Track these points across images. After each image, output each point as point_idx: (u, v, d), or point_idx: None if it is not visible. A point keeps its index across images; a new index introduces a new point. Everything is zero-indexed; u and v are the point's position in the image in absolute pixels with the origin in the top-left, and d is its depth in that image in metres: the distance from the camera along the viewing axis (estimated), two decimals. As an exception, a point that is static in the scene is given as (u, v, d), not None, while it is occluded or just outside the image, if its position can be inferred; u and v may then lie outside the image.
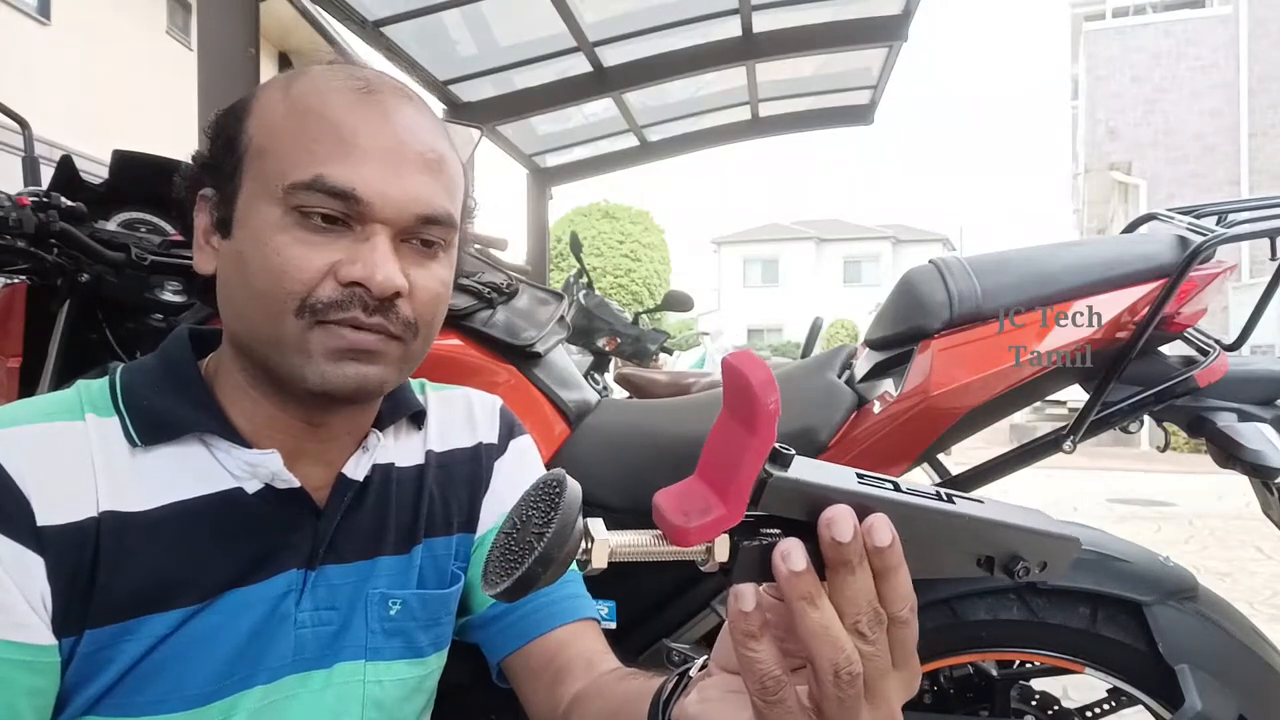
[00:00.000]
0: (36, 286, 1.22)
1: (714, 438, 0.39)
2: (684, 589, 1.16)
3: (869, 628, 0.38)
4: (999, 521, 0.43)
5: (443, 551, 0.72)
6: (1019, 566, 0.43)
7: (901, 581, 0.38)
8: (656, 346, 3.43)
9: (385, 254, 0.57)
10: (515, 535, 0.37)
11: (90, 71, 8.80)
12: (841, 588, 0.37)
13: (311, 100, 0.59)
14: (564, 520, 0.35)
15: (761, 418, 0.36)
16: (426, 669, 0.71)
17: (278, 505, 0.62)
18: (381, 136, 0.58)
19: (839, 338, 21.28)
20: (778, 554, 0.37)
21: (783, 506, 0.39)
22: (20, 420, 0.56)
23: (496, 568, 0.37)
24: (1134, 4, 16.77)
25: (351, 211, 0.57)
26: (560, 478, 0.38)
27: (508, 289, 1.23)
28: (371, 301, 0.57)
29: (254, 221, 0.58)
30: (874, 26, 3.33)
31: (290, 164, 0.57)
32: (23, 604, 0.52)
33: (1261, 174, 12.21)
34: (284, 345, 0.57)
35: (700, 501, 0.38)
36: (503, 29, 3.31)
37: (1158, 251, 0.99)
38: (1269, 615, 3.03)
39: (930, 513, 0.41)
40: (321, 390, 0.58)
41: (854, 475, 0.40)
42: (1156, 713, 0.99)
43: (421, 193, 0.59)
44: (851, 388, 1.11)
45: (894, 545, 0.38)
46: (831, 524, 0.37)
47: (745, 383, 0.36)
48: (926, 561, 0.41)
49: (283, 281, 0.56)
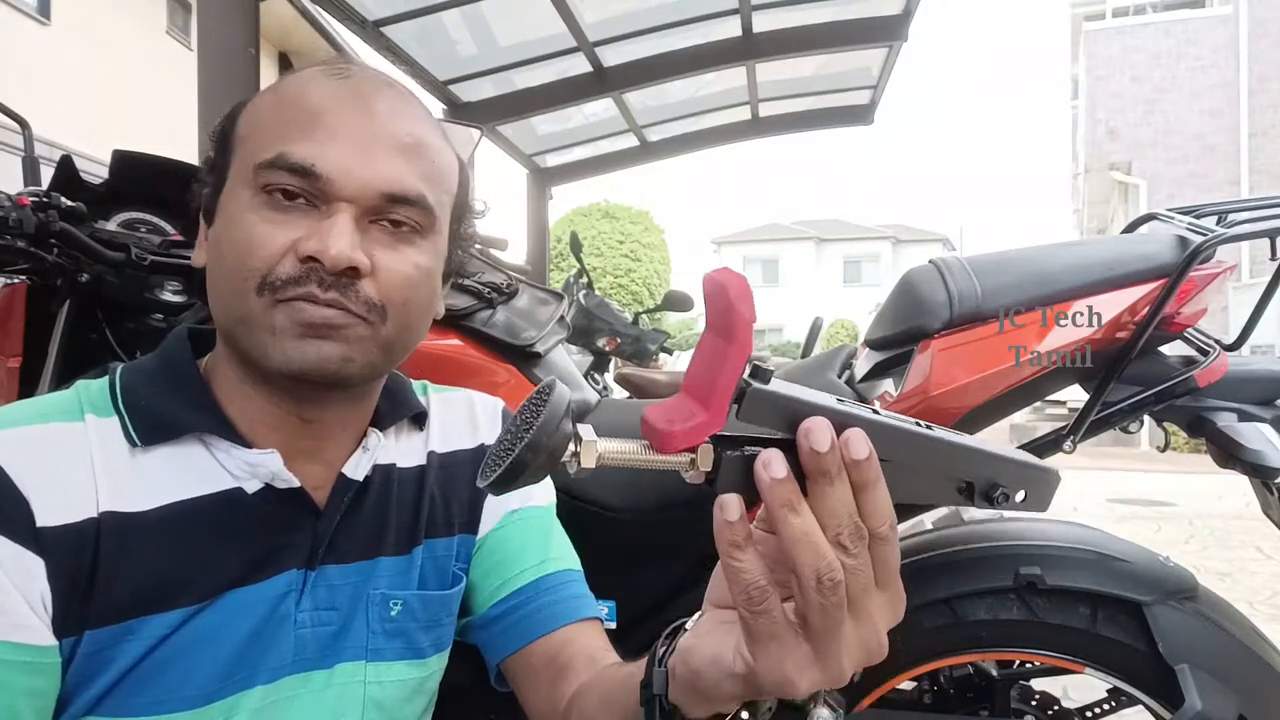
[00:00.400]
0: (36, 286, 1.22)
1: (697, 354, 0.40)
2: (684, 589, 1.16)
3: (850, 540, 0.38)
4: (977, 448, 0.43)
5: (443, 552, 0.72)
6: (998, 493, 0.44)
7: (880, 497, 0.39)
8: (656, 346, 3.43)
9: (342, 229, 0.56)
10: (509, 437, 0.39)
11: (90, 71, 8.80)
12: (821, 497, 0.38)
13: (292, 89, 0.60)
14: (552, 412, 0.37)
15: (739, 326, 0.37)
16: (427, 670, 0.71)
17: (277, 505, 0.62)
18: (351, 118, 0.58)
19: (839, 338, 21.29)
20: (759, 463, 0.38)
21: (762, 419, 0.39)
22: (19, 421, 0.56)
23: (491, 462, 0.38)
24: (1134, 4, 16.77)
25: (314, 189, 0.57)
26: (550, 383, 0.39)
27: (508, 289, 1.23)
28: (327, 276, 0.56)
29: (229, 205, 0.59)
30: (874, 26, 3.33)
31: (261, 146, 0.58)
32: (23, 605, 0.52)
33: (1261, 174, 12.21)
34: (249, 324, 0.57)
35: (684, 411, 0.39)
36: (503, 29, 3.31)
37: (1158, 251, 0.99)
38: (1269, 615, 3.03)
39: (909, 435, 0.42)
40: (284, 370, 0.57)
41: (834, 397, 0.41)
42: (1156, 713, 0.99)
43: (387, 172, 0.58)
44: (851, 388, 1.11)
45: (871, 459, 0.39)
46: (809, 433, 0.38)
47: (724, 294, 0.38)
48: (906, 486, 0.42)
49: (246, 259, 0.56)
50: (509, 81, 3.60)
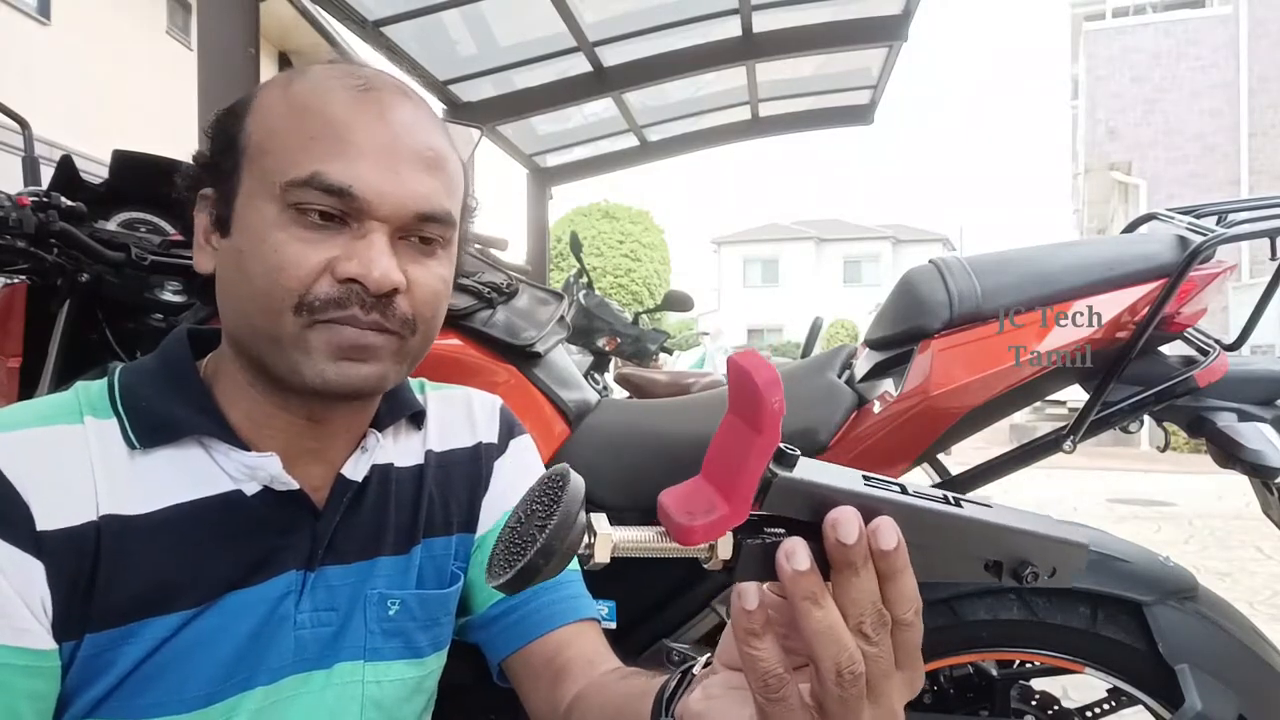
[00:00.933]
0: (36, 286, 1.21)
1: (719, 438, 0.39)
2: (684, 589, 1.16)
3: (873, 629, 0.37)
4: (1007, 526, 0.42)
5: (441, 551, 0.72)
6: (1027, 572, 0.43)
7: (906, 584, 0.38)
8: (656, 346, 3.43)
9: (382, 250, 0.57)
10: (519, 529, 0.37)
11: (90, 71, 8.80)
12: (846, 589, 0.37)
13: (310, 98, 0.59)
14: (566, 512, 0.35)
15: (766, 417, 0.36)
16: (426, 669, 0.71)
17: (276, 507, 0.62)
18: (379, 134, 0.58)
19: (839, 338, 21.28)
20: (781, 553, 0.37)
21: (787, 507, 0.38)
22: (18, 424, 0.56)
23: (500, 560, 0.37)
24: (1134, 4, 16.77)
25: (349, 209, 0.57)
26: (564, 472, 0.38)
27: (508, 289, 1.23)
28: (369, 298, 0.57)
29: (252, 219, 0.58)
30: (874, 26, 3.33)
31: (288, 161, 0.57)
32: (23, 609, 0.52)
33: (1261, 174, 12.21)
34: (282, 343, 0.57)
35: (705, 501, 0.38)
36: (503, 29, 3.31)
37: (1158, 251, 0.99)
38: (1269, 615, 3.03)
39: (937, 516, 0.40)
40: (320, 388, 0.58)
41: (860, 477, 0.40)
42: (1156, 713, 0.99)
43: (419, 190, 0.59)
44: (851, 388, 1.11)
45: (899, 549, 0.38)
46: (837, 525, 0.37)
47: (750, 382, 0.36)
48: (933, 565, 0.41)
49: (280, 279, 0.56)
50: (509, 81, 3.60)
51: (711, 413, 1.21)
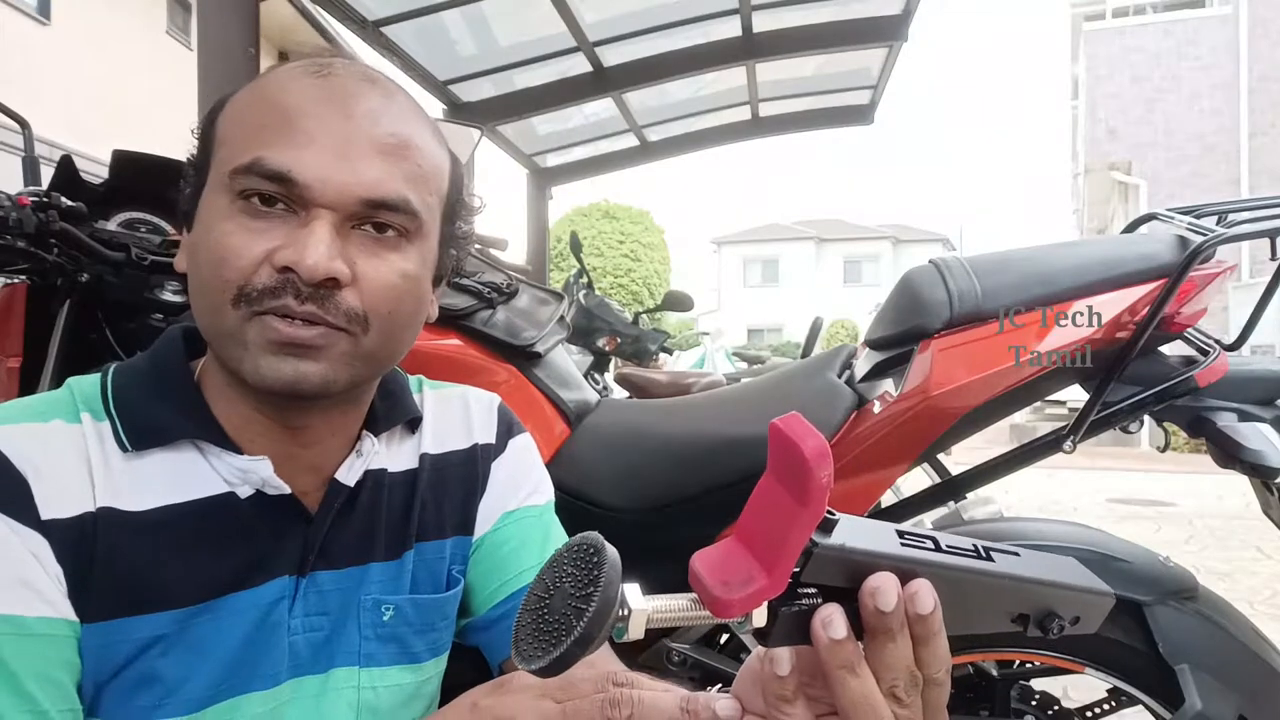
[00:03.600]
0: (36, 286, 1.21)
1: (757, 501, 0.38)
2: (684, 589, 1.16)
3: (905, 692, 0.37)
4: (1037, 579, 0.42)
5: (435, 555, 0.71)
6: (1054, 624, 0.43)
7: (940, 646, 0.38)
8: (656, 346, 3.42)
9: (320, 238, 0.54)
10: (548, 604, 0.36)
11: (90, 71, 8.80)
12: (881, 655, 0.37)
13: (270, 88, 0.58)
14: (606, 598, 0.34)
15: (814, 491, 0.35)
16: (423, 675, 0.70)
17: (268, 511, 0.61)
18: (330, 119, 0.56)
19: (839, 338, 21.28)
20: (818, 621, 0.37)
21: (825, 575, 0.38)
22: (20, 418, 0.56)
23: (530, 640, 0.35)
24: (1134, 4, 16.76)
25: (291, 195, 0.55)
26: (598, 545, 0.36)
27: (508, 289, 1.23)
28: (304, 288, 0.54)
29: (205, 212, 0.57)
30: (874, 26, 3.33)
31: (237, 150, 0.55)
32: (47, 580, 0.53)
33: (1261, 174, 12.22)
34: (225, 337, 0.56)
35: (741, 570, 0.37)
36: (503, 29, 3.31)
37: (1158, 251, 0.99)
38: (1269, 615, 3.03)
39: (971, 573, 0.40)
40: (260, 386, 0.56)
41: (895, 535, 0.40)
42: (1156, 713, 0.99)
43: (368, 176, 0.56)
44: (851, 388, 1.11)
45: (935, 612, 0.38)
46: (876, 594, 0.37)
47: (797, 454, 0.35)
48: (963, 620, 0.41)
49: (221, 270, 0.54)
50: (509, 81, 3.60)
51: (711, 413, 1.21)
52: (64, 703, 0.52)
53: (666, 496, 1.12)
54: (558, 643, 0.34)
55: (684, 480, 1.11)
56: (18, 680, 0.50)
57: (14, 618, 0.51)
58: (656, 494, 1.13)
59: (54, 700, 0.52)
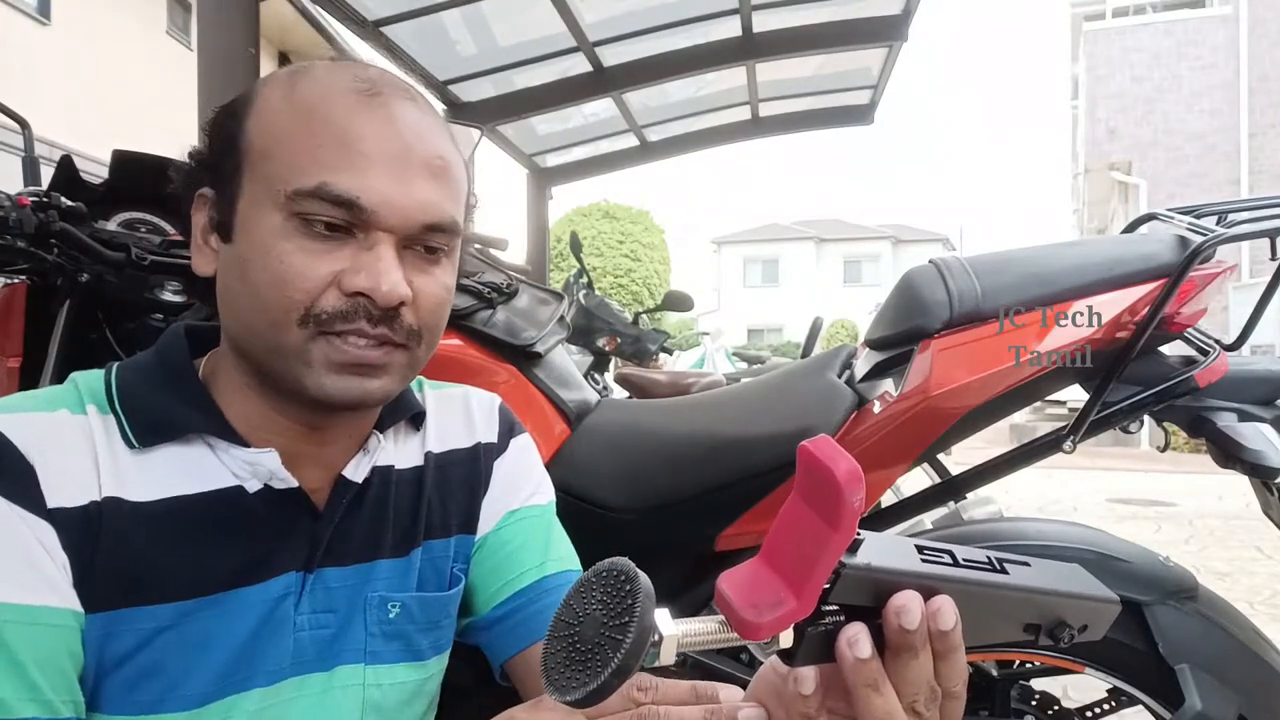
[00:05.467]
0: (36, 286, 1.21)
1: (785, 521, 0.38)
2: (684, 589, 1.16)
3: (925, 706, 0.38)
4: (1050, 590, 0.43)
5: (441, 553, 0.72)
6: (1064, 633, 0.44)
7: (959, 660, 0.39)
8: (656, 346, 3.42)
9: (390, 263, 0.56)
10: (579, 632, 0.35)
11: (90, 71, 8.80)
12: (903, 671, 0.38)
13: (315, 102, 0.57)
14: (641, 628, 0.34)
15: (845, 516, 0.35)
16: (427, 672, 0.70)
17: (276, 506, 0.62)
18: (387, 142, 0.57)
19: (839, 338, 21.28)
20: (844, 641, 0.38)
21: (852, 596, 0.38)
22: (27, 408, 0.57)
23: (564, 671, 0.35)
24: (1134, 4, 16.76)
25: (356, 219, 0.56)
26: (630, 574, 0.36)
27: (508, 289, 1.23)
28: (376, 312, 0.56)
29: (256, 227, 0.57)
30: (874, 26, 3.33)
31: (294, 169, 0.56)
32: (54, 568, 0.53)
33: (1261, 174, 12.21)
34: (285, 354, 0.57)
35: (770, 593, 0.37)
36: (503, 29, 3.30)
37: (1158, 251, 0.99)
38: (1269, 615, 3.03)
39: (988, 587, 0.41)
40: (322, 400, 0.58)
41: (915, 551, 0.40)
42: (1156, 713, 0.99)
43: (428, 200, 0.58)
44: (851, 388, 1.11)
45: (957, 628, 0.38)
46: (901, 613, 0.38)
47: (829, 477, 0.35)
48: (977, 632, 0.41)
49: (285, 290, 0.55)
50: (509, 81, 3.60)
51: (711, 413, 1.21)
52: (67, 693, 0.53)
53: (666, 496, 1.12)
54: (594, 674, 0.34)
55: (684, 480, 1.11)
56: (23, 668, 0.50)
57: (21, 606, 0.51)
58: (656, 494, 1.13)
59: (58, 690, 0.52)
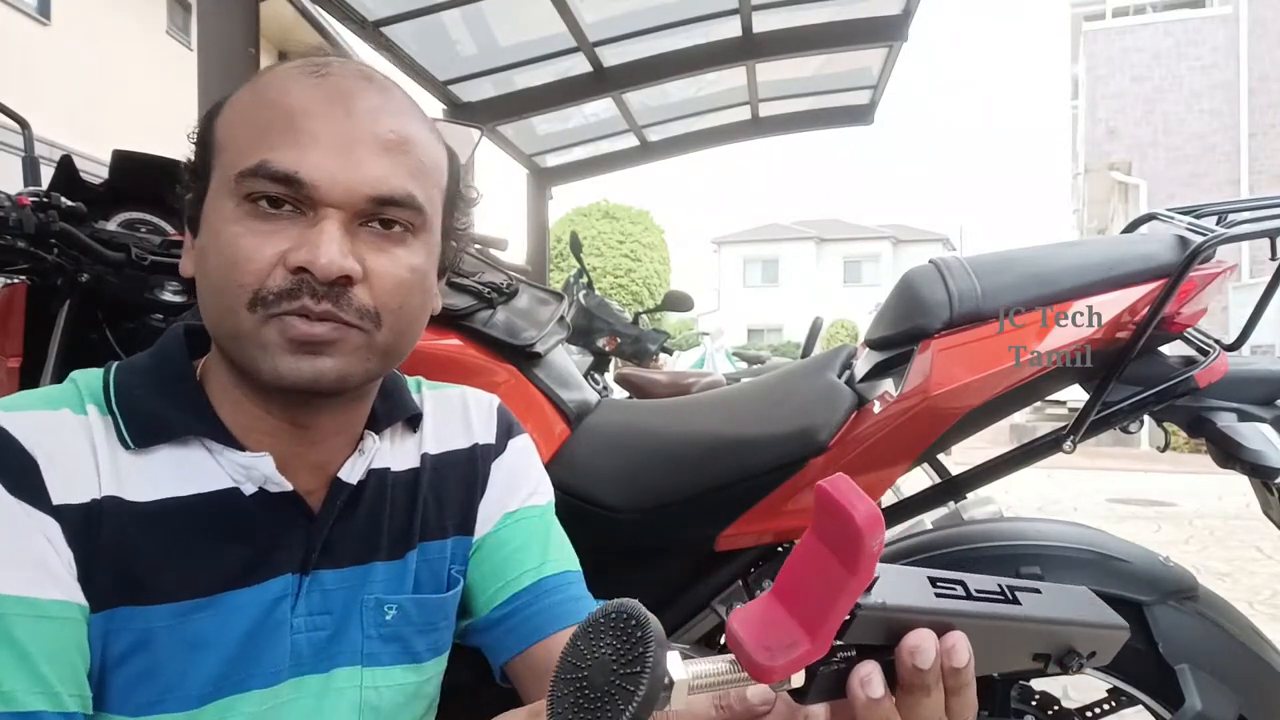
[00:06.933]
0: (36, 286, 1.21)
1: (800, 560, 0.37)
2: (684, 589, 1.16)
3: None
4: (1062, 620, 0.43)
5: (437, 555, 0.71)
6: (1073, 661, 0.44)
7: (970, 694, 0.39)
8: (656, 346, 3.42)
9: (331, 236, 0.55)
10: (588, 676, 0.35)
11: (90, 71, 8.80)
12: (916, 709, 0.38)
13: (270, 89, 0.58)
14: (655, 678, 0.33)
15: (864, 560, 0.34)
16: (424, 674, 0.70)
17: (272, 508, 0.62)
18: (332, 119, 0.56)
19: (839, 338, 21.28)
20: (856, 680, 0.37)
21: (865, 635, 0.38)
22: (30, 406, 0.57)
23: (572, 715, 0.35)
24: (1134, 4, 16.76)
25: (300, 196, 0.55)
26: (641, 619, 0.35)
27: (508, 289, 1.23)
28: (319, 287, 0.55)
29: (212, 216, 0.57)
30: (874, 26, 3.33)
31: (241, 153, 0.56)
32: (60, 563, 0.53)
33: (1261, 174, 12.21)
34: (242, 339, 0.57)
35: (783, 633, 0.36)
36: (503, 29, 3.31)
37: (1158, 251, 0.99)
38: (1269, 615, 3.03)
39: (1000, 619, 0.41)
40: (277, 385, 0.57)
41: (929, 585, 0.40)
42: (1156, 713, 0.99)
43: (373, 173, 0.57)
44: (851, 388, 1.11)
45: (970, 663, 0.38)
46: (915, 653, 0.37)
47: (847, 519, 0.34)
48: (988, 662, 0.41)
49: (234, 274, 0.55)
50: (509, 81, 3.60)
51: (711, 413, 1.21)
52: (75, 687, 0.53)
53: (666, 496, 1.12)
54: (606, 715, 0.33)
55: (684, 480, 1.11)
56: (32, 661, 0.50)
57: (29, 599, 0.51)
58: (656, 494, 1.13)
59: (66, 683, 0.52)
